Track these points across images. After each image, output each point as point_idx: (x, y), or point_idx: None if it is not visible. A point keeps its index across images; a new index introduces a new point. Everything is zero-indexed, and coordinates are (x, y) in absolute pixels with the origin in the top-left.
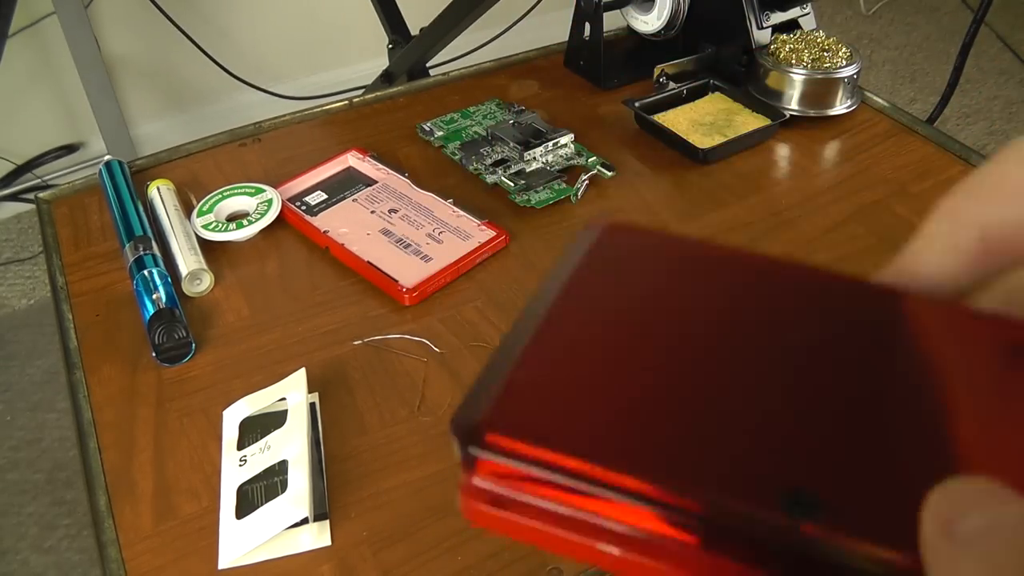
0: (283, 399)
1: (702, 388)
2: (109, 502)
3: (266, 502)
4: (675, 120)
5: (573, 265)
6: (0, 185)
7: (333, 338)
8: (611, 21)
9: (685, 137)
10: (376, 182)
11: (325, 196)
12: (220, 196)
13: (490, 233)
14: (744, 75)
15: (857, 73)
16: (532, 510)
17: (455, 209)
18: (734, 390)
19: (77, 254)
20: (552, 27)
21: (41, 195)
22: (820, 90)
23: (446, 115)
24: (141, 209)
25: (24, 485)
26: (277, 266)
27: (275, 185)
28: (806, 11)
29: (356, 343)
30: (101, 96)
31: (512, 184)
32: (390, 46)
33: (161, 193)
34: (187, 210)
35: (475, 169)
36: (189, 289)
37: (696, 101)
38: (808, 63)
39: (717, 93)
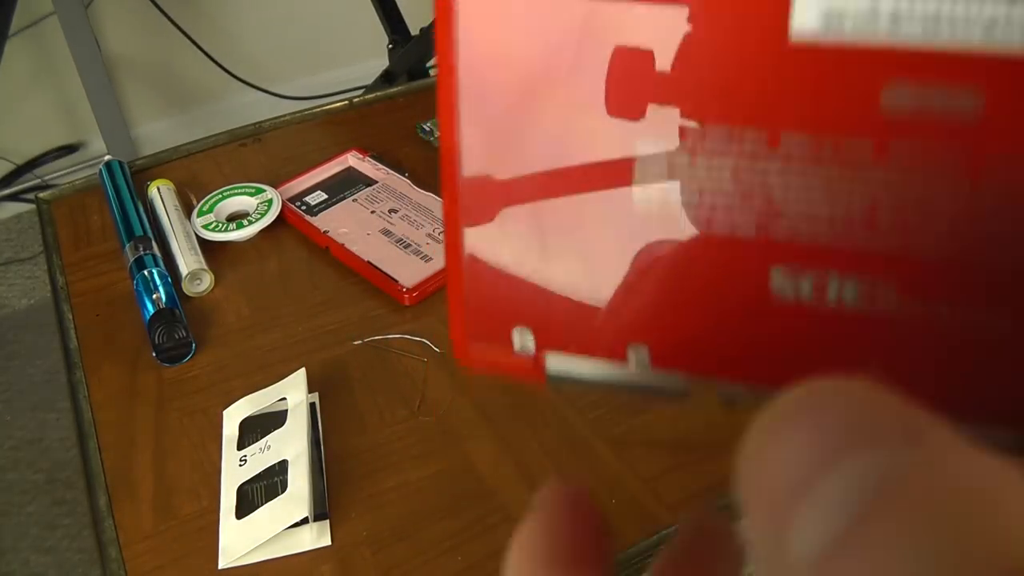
0: (283, 399)
1: None
2: (109, 502)
3: (266, 502)
4: None
5: None
6: (0, 185)
7: (333, 338)
8: None
9: None
10: (376, 182)
11: (325, 196)
12: (220, 196)
13: None
14: None
15: None
16: None
17: None
18: None
19: (77, 254)
20: None
21: (41, 195)
22: None
23: None
24: (141, 209)
25: (24, 485)
26: (277, 266)
27: (275, 185)
28: None
29: (356, 343)
30: (101, 96)
31: None
32: (390, 46)
33: (161, 193)
34: (187, 210)
35: None
36: (189, 289)
37: None
38: None
39: None
